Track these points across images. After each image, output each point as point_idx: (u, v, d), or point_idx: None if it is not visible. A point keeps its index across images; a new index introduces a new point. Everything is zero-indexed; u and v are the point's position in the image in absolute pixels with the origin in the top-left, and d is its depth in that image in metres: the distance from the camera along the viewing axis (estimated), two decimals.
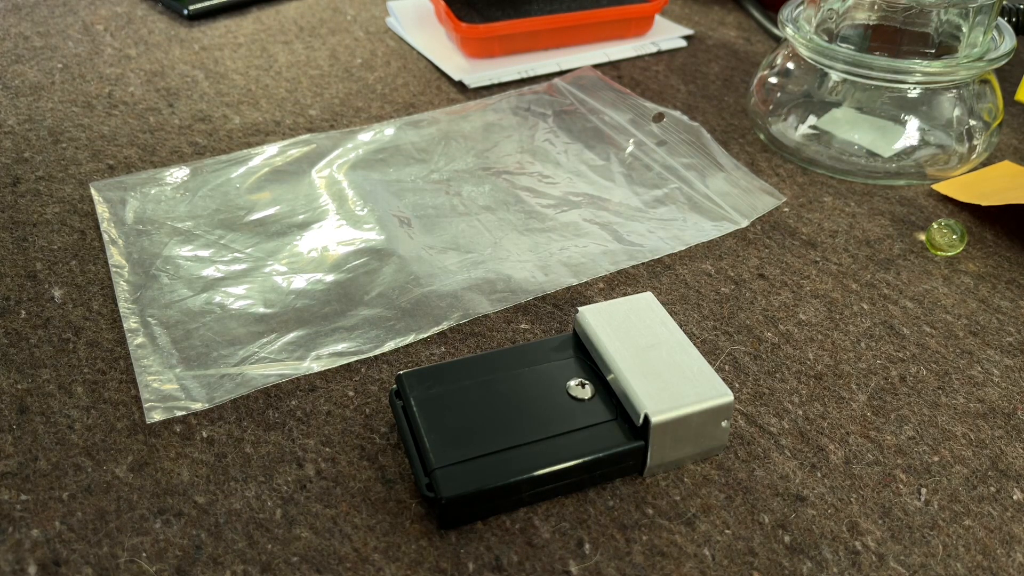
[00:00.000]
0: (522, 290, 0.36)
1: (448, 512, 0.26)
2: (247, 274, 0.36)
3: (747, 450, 0.29)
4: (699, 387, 0.28)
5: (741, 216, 0.41)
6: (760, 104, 0.47)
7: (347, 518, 0.27)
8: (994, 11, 0.42)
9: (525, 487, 0.26)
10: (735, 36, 0.60)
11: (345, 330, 0.34)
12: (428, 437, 0.27)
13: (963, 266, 0.38)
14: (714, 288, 0.36)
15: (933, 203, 0.42)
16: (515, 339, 0.33)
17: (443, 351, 0.33)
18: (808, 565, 0.26)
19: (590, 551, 0.26)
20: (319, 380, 0.31)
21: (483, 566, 0.25)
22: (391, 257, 0.37)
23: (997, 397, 0.31)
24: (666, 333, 0.30)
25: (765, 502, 0.27)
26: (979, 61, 0.41)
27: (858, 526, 0.27)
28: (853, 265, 0.38)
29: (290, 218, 0.40)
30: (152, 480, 0.28)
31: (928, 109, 0.44)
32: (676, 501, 0.27)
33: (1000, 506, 0.27)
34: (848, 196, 0.42)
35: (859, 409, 0.31)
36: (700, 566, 0.25)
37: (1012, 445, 0.29)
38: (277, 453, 0.29)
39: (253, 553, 0.26)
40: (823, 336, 0.34)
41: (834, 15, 0.44)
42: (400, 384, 0.29)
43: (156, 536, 0.26)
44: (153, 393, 0.31)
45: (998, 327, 0.34)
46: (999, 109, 0.45)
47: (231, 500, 0.27)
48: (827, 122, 0.45)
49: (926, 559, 0.26)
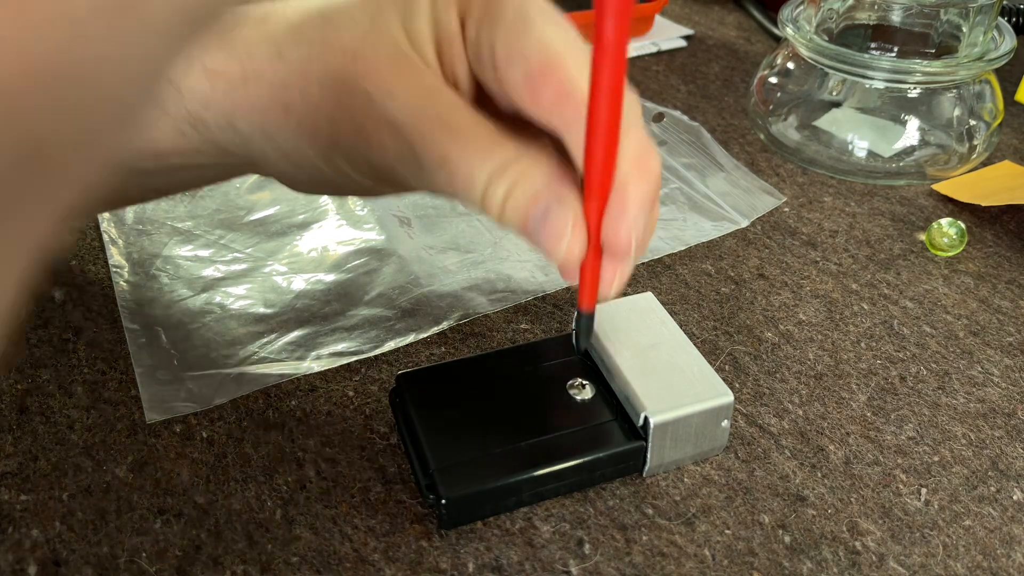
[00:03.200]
0: (522, 290, 0.36)
1: (448, 513, 0.25)
2: (247, 274, 0.36)
3: (747, 450, 0.29)
4: (699, 387, 0.28)
5: (741, 216, 0.40)
6: (760, 104, 0.47)
7: (347, 518, 0.27)
8: (994, 11, 0.42)
9: (525, 487, 0.26)
10: (735, 36, 0.60)
11: (345, 330, 0.33)
12: (428, 437, 0.27)
13: (963, 266, 0.38)
14: (714, 288, 0.36)
15: (933, 203, 0.42)
16: (515, 339, 0.33)
17: (443, 351, 0.33)
18: (808, 565, 0.26)
19: (590, 551, 0.26)
20: (319, 380, 0.31)
21: (483, 566, 0.25)
22: (391, 257, 0.37)
23: (997, 397, 0.31)
24: (666, 333, 0.30)
25: (765, 502, 0.27)
26: (979, 61, 0.41)
27: (858, 526, 0.27)
28: (853, 265, 0.38)
29: (290, 218, 0.40)
30: (152, 480, 0.28)
31: (928, 109, 0.43)
32: (676, 501, 0.27)
33: (1000, 506, 0.27)
34: (848, 196, 0.42)
35: (859, 409, 0.31)
36: (700, 566, 0.25)
37: (1012, 445, 0.29)
38: (277, 453, 0.29)
39: (253, 553, 0.26)
40: (823, 336, 0.34)
41: (834, 15, 0.44)
42: (400, 384, 0.29)
43: (156, 536, 0.26)
44: (153, 393, 0.31)
45: (998, 327, 0.34)
46: (999, 109, 0.45)
47: (231, 500, 0.27)
48: (827, 122, 0.45)
49: (926, 559, 0.26)
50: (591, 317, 0.27)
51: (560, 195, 0.23)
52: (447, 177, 0.24)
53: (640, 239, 0.23)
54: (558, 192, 0.23)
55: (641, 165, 0.23)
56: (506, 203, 0.24)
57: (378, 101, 0.25)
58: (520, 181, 0.24)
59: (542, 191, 0.24)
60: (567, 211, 0.23)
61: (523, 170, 0.24)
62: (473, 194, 0.24)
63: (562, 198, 0.23)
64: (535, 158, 0.24)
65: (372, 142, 0.25)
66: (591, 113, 0.21)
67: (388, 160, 0.26)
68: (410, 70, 0.25)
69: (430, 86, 0.25)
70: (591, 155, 0.22)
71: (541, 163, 0.24)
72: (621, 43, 0.20)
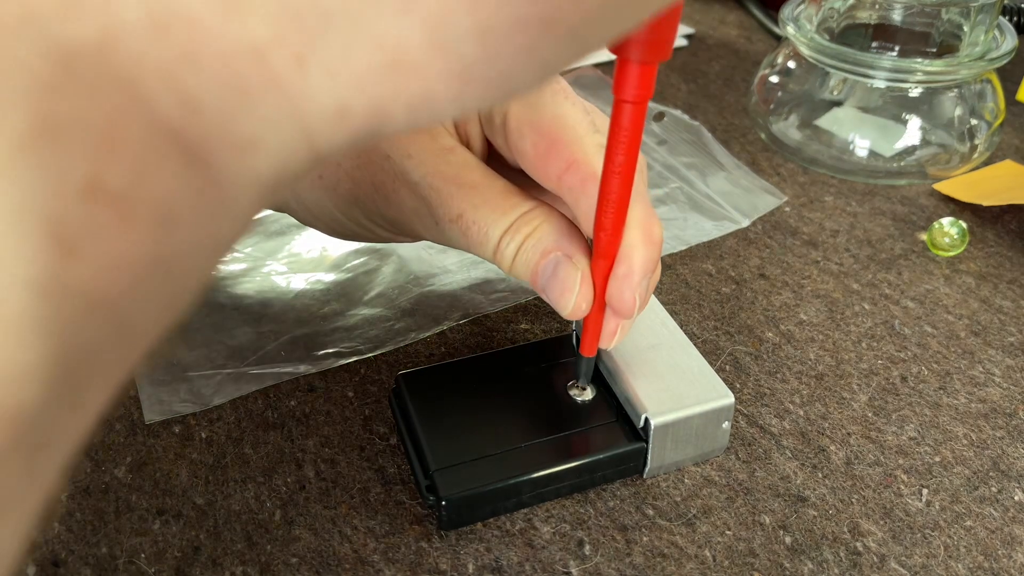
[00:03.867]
0: (522, 290, 0.36)
1: (448, 514, 0.25)
2: (246, 274, 0.36)
3: (748, 450, 0.29)
4: (700, 388, 0.27)
5: (742, 216, 0.40)
6: (761, 103, 0.47)
7: (346, 519, 0.27)
8: (995, 10, 0.42)
9: (525, 489, 0.26)
10: (736, 35, 0.60)
11: (345, 330, 0.33)
12: (427, 438, 0.27)
13: (964, 266, 0.38)
14: (715, 288, 0.36)
15: (934, 203, 0.42)
16: (515, 339, 0.33)
17: (443, 351, 0.33)
18: (809, 566, 0.25)
19: (590, 552, 0.26)
20: (318, 380, 0.31)
21: (483, 567, 0.25)
22: (391, 256, 0.37)
23: (998, 397, 0.31)
24: (667, 334, 0.30)
25: (766, 503, 0.27)
26: (980, 60, 0.41)
27: (859, 527, 0.27)
28: (854, 265, 0.38)
29: (289, 218, 0.40)
30: (151, 481, 0.28)
31: (929, 108, 0.43)
32: (676, 502, 0.27)
33: (1001, 507, 0.27)
34: (849, 196, 0.42)
35: (860, 409, 0.31)
36: (701, 567, 0.25)
37: (1013, 445, 0.29)
38: (276, 454, 0.29)
39: (252, 554, 0.26)
40: (824, 336, 0.34)
41: (835, 14, 0.44)
42: (399, 385, 0.29)
43: (155, 537, 0.26)
44: (151, 393, 0.30)
45: (999, 327, 0.34)
46: (1001, 108, 0.44)
47: (230, 501, 0.27)
48: (828, 121, 0.45)
49: (927, 560, 0.26)
50: (592, 360, 0.28)
51: (569, 252, 0.25)
52: (461, 232, 0.26)
53: (643, 300, 0.25)
54: (567, 249, 0.25)
55: (646, 233, 0.25)
56: (517, 257, 0.26)
57: (396, 160, 0.26)
58: (532, 236, 0.25)
59: (551, 248, 0.25)
60: (575, 269, 0.25)
61: (535, 227, 0.26)
62: (486, 248, 0.26)
63: (571, 255, 0.25)
64: (546, 216, 0.26)
65: (390, 199, 0.27)
66: (604, 186, 0.23)
67: (405, 215, 0.27)
68: (426, 131, 0.27)
69: (444, 146, 0.27)
70: (601, 223, 0.24)
71: (552, 220, 0.26)
72: (637, 129, 0.21)
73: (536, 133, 0.25)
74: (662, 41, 0.19)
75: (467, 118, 0.27)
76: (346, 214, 0.28)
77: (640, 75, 0.20)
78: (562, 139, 0.25)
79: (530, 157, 0.26)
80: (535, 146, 0.25)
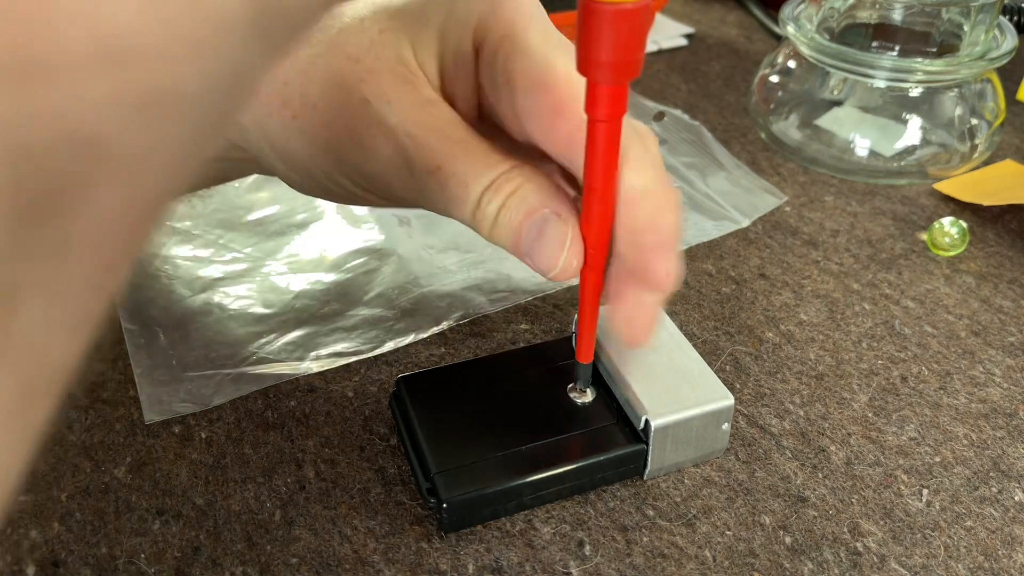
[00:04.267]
0: (522, 290, 0.36)
1: (449, 516, 0.25)
2: (246, 274, 0.36)
3: (748, 451, 0.29)
4: (700, 390, 0.27)
5: (742, 215, 0.40)
6: (761, 103, 0.47)
7: (346, 519, 0.27)
8: (996, 10, 0.42)
9: (525, 491, 0.26)
10: (736, 35, 0.60)
11: (344, 330, 0.33)
12: (428, 441, 0.27)
13: (965, 266, 0.38)
14: (715, 288, 0.36)
15: (935, 202, 0.42)
16: (515, 339, 0.33)
17: (443, 351, 0.33)
18: (809, 566, 0.25)
19: (590, 552, 0.26)
20: (318, 381, 0.31)
21: (483, 568, 0.25)
22: (390, 257, 0.37)
23: (999, 397, 0.31)
24: (666, 335, 0.30)
25: (766, 503, 0.27)
26: (981, 60, 0.41)
27: (859, 527, 0.27)
28: (855, 265, 0.38)
29: (289, 218, 0.40)
30: (151, 481, 0.28)
31: (930, 108, 0.43)
32: (677, 502, 0.27)
33: (1002, 507, 0.27)
34: (849, 195, 0.42)
35: (860, 410, 0.31)
36: (701, 567, 0.25)
37: (1014, 446, 0.29)
38: (276, 454, 0.29)
39: (252, 554, 0.26)
40: (824, 336, 0.34)
41: (835, 14, 0.44)
42: (400, 387, 0.29)
43: (155, 537, 0.26)
44: (151, 394, 0.30)
45: (1000, 327, 0.34)
46: (1001, 108, 0.44)
47: (230, 501, 0.27)
48: (828, 121, 0.45)
49: (927, 560, 0.26)
50: (589, 366, 0.28)
51: (557, 211, 0.24)
52: (438, 185, 0.24)
53: (678, 273, 0.24)
54: (555, 208, 0.24)
55: (669, 199, 0.24)
56: (499, 217, 0.24)
57: (375, 105, 0.25)
58: (515, 195, 0.24)
59: (536, 207, 0.24)
60: (565, 225, 0.23)
61: (518, 184, 0.24)
62: (465, 206, 0.24)
63: (560, 213, 0.24)
64: (530, 174, 0.24)
65: (365, 146, 0.25)
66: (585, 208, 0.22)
67: (379, 166, 0.26)
68: (410, 81, 0.25)
69: (427, 98, 0.25)
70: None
71: (536, 179, 0.24)
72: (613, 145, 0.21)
73: (547, 92, 0.24)
74: (628, 62, 0.19)
75: (457, 77, 0.26)
76: (318, 164, 0.27)
77: (610, 96, 0.20)
78: (576, 98, 0.23)
79: (539, 118, 0.24)
80: (548, 107, 0.24)
